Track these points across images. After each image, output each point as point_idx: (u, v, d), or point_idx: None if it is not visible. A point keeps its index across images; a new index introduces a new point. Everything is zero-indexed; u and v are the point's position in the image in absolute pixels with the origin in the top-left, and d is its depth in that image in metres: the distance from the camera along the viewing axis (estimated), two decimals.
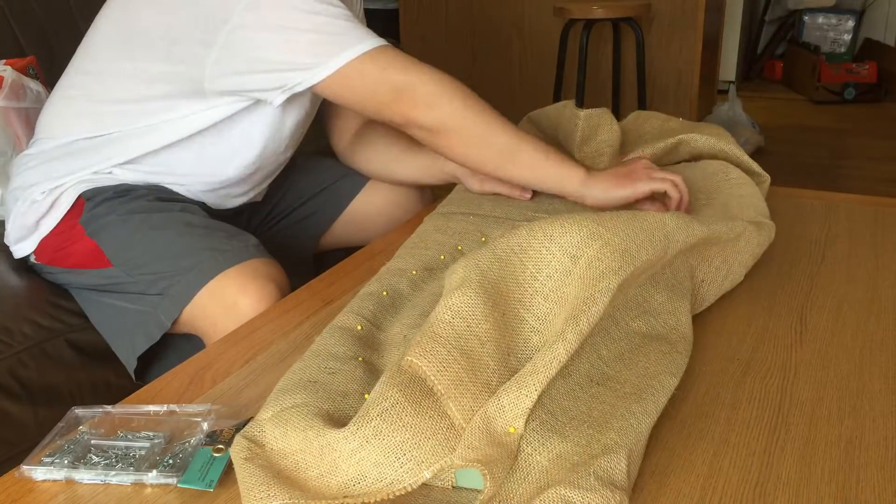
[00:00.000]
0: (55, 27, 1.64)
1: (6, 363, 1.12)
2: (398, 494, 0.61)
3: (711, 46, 3.50)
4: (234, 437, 0.67)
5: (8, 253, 1.25)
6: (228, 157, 1.20)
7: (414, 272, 0.95)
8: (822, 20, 4.66)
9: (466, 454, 0.60)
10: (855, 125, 3.97)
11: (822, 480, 0.65)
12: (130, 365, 1.14)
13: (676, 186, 1.07)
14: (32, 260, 1.23)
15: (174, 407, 0.75)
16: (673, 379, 0.74)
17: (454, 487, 0.64)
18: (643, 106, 2.93)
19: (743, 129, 3.38)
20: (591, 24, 2.76)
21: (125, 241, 1.14)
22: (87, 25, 1.21)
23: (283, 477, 0.62)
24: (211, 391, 0.80)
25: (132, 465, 0.67)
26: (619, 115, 1.33)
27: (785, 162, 3.37)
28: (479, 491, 0.63)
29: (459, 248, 1.02)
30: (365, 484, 0.61)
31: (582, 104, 2.78)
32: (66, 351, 1.19)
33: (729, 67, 4.44)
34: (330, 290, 1.03)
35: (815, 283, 1.00)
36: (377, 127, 1.35)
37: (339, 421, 0.67)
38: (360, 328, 0.83)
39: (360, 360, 0.77)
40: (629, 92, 3.05)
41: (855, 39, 4.64)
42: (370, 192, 1.42)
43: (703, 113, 3.42)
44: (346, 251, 1.32)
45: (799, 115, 4.21)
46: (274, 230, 1.41)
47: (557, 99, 2.88)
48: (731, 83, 3.98)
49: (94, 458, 0.68)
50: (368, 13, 1.42)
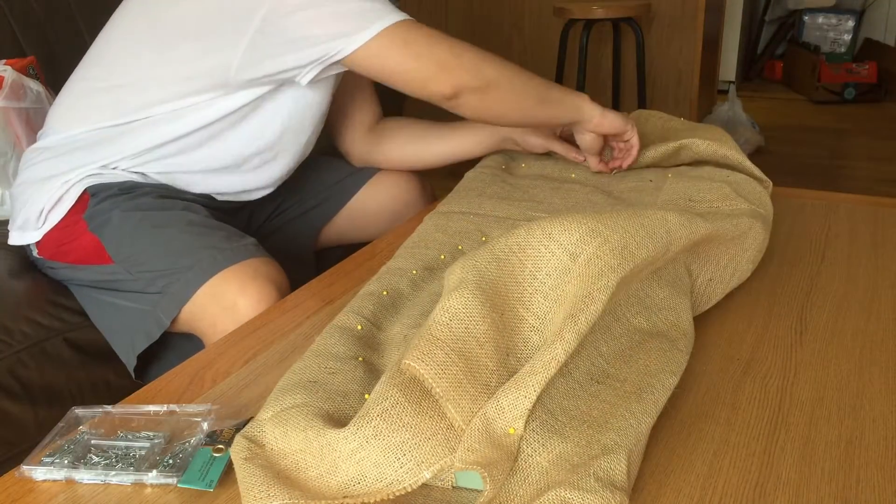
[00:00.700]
0: (55, 27, 1.64)
1: (6, 363, 1.12)
2: (398, 494, 0.61)
3: (711, 46, 3.50)
4: (234, 437, 0.67)
5: (8, 253, 1.25)
6: (248, 141, 1.21)
7: (414, 272, 0.95)
8: (822, 20, 4.66)
9: (466, 456, 0.60)
10: (855, 125, 3.97)
11: (822, 480, 0.65)
12: (130, 363, 1.14)
13: (631, 149, 1.24)
14: (35, 254, 1.23)
15: (174, 407, 0.75)
16: (673, 378, 0.74)
17: (454, 487, 0.64)
18: (643, 106, 2.92)
19: (743, 129, 3.38)
20: (591, 24, 2.76)
21: (127, 237, 1.14)
22: (87, 25, 1.22)
23: (283, 477, 0.62)
24: (211, 391, 0.80)
25: (132, 465, 0.67)
26: None
27: (785, 162, 3.37)
28: (479, 491, 0.63)
29: (460, 247, 1.02)
30: (365, 484, 0.61)
31: None
32: (65, 350, 1.19)
33: (729, 67, 4.44)
34: (330, 290, 1.03)
35: (815, 283, 1.00)
36: (406, 118, 1.38)
37: (339, 421, 0.67)
38: (360, 328, 0.83)
39: (360, 360, 0.77)
40: (629, 92, 3.05)
41: (855, 39, 4.64)
42: (373, 187, 1.42)
43: (703, 113, 3.42)
44: (346, 250, 1.32)
45: (799, 115, 4.21)
46: (276, 226, 1.41)
47: None
48: (731, 83, 3.99)
49: (94, 458, 0.68)
50: None
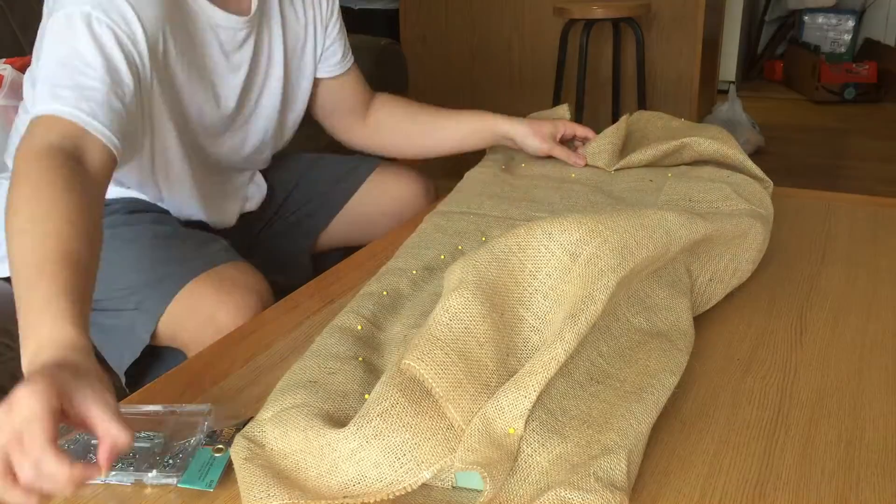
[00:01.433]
0: None
1: (8, 367, 1.12)
2: (398, 494, 0.61)
3: (711, 46, 3.49)
4: (234, 437, 0.68)
5: None
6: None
7: (414, 272, 0.95)
8: (822, 20, 4.66)
9: (466, 457, 0.60)
10: (855, 125, 3.97)
11: (822, 480, 0.65)
12: (121, 378, 1.13)
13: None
14: None
15: (174, 407, 0.75)
16: (673, 377, 0.74)
17: (454, 487, 0.64)
18: (643, 106, 2.92)
19: (743, 129, 3.38)
20: (591, 24, 2.76)
21: None
22: None
23: (283, 477, 0.62)
24: (211, 391, 0.80)
25: (132, 465, 0.67)
26: (619, 115, 1.33)
27: (785, 162, 3.37)
28: (479, 491, 0.63)
29: (460, 247, 1.02)
30: (365, 484, 0.61)
31: (582, 104, 2.77)
32: None
33: (729, 67, 4.44)
34: (330, 290, 1.03)
35: (814, 283, 1.00)
36: (400, 100, 1.33)
37: (339, 421, 0.67)
38: (360, 328, 0.83)
39: (360, 360, 0.77)
40: (629, 92, 3.05)
41: (855, 39, 4.64)
42: (374, 189, 1.40)
43: (703, 113, 3.41)
44: (346, 251, 1.31)
45: (799, 115, 4.21)
46: (271, 231, 1.40)
47: (557, 99, 2.88)
48: (731, 83, 3.98)
49: (94, 458, 0.68)
50: (368, 13, 1.42)
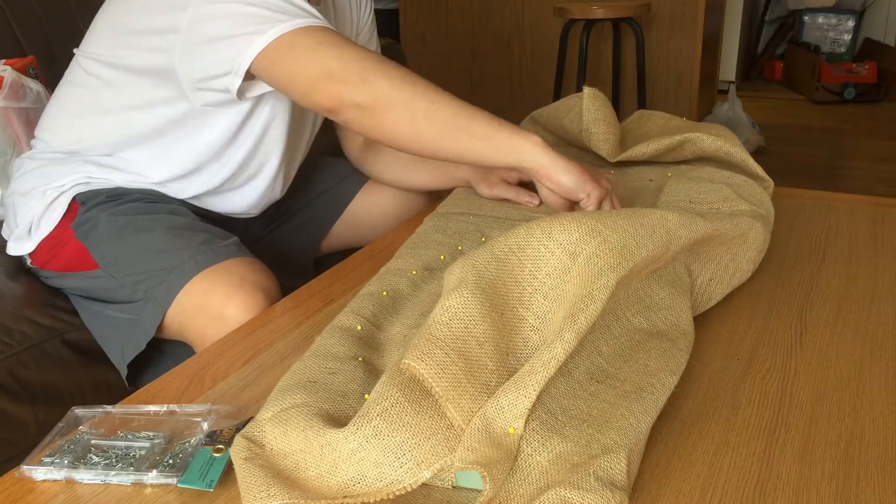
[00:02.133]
0: (55, 27, 1.64)
1: (6, 363, 1.12)
2: (398, 494, 0.61)
3: (711, 46, 3.50)
4: (234, 437, 0.68)
5: (7, 254, 1.25)
6: (195, 156, 1.18)
7: (414, 272, 0.95)
8: (822, 20, 4.66)
9: (466, 456, 0.60)
10: (855, 125, 3.98)
11: (822, 480, 0.65)
12: (122, 372, 1.14)
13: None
14: (28, 264, 1.23)
15: (174, 407, 0.75)
16: (673, 377, 0.74)
17: (454, 487, 0.64)
18: (643, 106, 2.92)
19: (743, 129, 3.38)
20: (591, 24, 2.76)
21: (111, 242, 1.13)
22: (87, 25, 1.21)
23: (282, 477, 0.62)
24: (211, 391, 0.80)
25: (132, 465, 0.67)
26: (619, 115, 1.32)
27: (785, 162, 3.37)
28: (479, 491, 0.63)
29: (459, 248, 1.02)
30: (365, 484, 0.61)
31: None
32: (65, 351, 1.19)
33: (729, 67, 4.44)
34: (330, 290, 1.03)
35: (815, 283, 1.00)
36: None
37: (339, 421, 0.67)
38: (360, 328, 0.83)
39: (360, 360, 0.77)
40: (629, 92, 3.05)
41: (855, 39, 4.64)
42: (374, 194, 1.41)
43: (702, 113, 3.42)
44: (346, 252, 1.31)
45: (799, 115, 4.21)
46: (274, 235, 1.40)
47: (557, 98, 2.88)
48: (731, 83, 3.99)
49: (94, 458, 0.68)
50: None
